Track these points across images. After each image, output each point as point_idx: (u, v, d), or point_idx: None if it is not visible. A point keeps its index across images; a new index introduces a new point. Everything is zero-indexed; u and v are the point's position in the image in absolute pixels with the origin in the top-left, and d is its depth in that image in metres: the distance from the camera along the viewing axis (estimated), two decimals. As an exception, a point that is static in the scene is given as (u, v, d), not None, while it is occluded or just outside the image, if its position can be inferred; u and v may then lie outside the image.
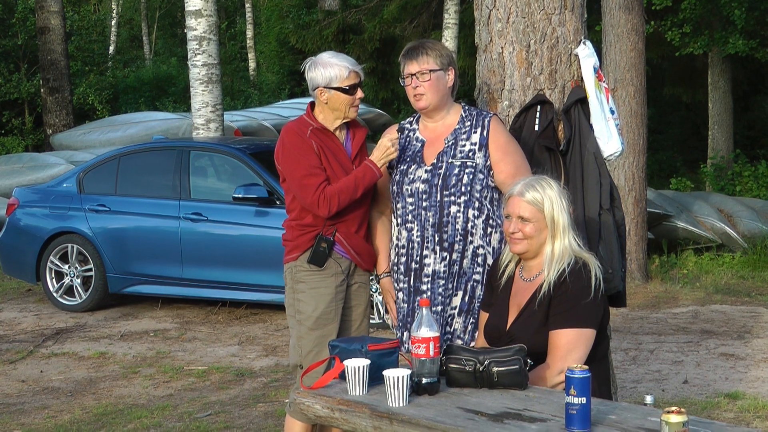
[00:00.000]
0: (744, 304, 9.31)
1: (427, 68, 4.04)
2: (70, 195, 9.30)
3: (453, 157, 4.04)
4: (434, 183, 4.02)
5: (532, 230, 3.67)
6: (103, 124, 15.79)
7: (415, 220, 4.04)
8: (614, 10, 10.31)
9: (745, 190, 15.64)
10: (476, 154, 4.04)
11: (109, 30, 29.43)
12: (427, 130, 4.17)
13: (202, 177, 9.15)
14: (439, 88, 4.06)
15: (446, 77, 4.09)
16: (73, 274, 9.23)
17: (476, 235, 4.03)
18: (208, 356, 7.56)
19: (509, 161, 4.06)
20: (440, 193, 4.01)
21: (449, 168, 4.02)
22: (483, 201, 4.04)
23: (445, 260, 4.01)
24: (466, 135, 4.08)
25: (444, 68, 4.07)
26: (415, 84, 4.06)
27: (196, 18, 10.55)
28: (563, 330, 3.58)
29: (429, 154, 4.10)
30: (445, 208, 4.00)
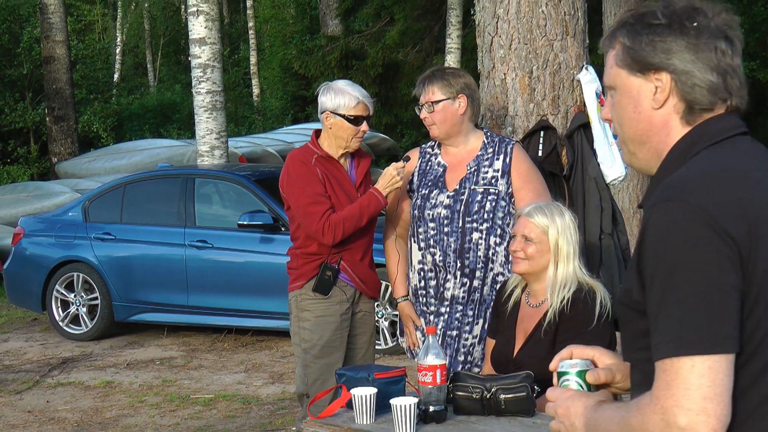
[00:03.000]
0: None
1: (431, 99, 4.05)
2: (76, 223, 9.33)
3: (475, 183, 4.04)
4: (456, 209, 4.02)
5: (534, 252, 3.67)
6: (107, 151, 15.82)
7: (437, 245, 4.04)
8: (616, 34, 10.35)
9: (749, 211, 15.64)
10: (499, 181, 4.04)
11: (113, 58, 29.59)
12: (449, 155, 4.16)
13: (207, 204, 9.17)
14: (447, 118, 4.06)
15: (455, 105, 4.06)
16: (79, 302, 9.24)
17: (497, 262, 4.03)
18: (215, 384, 7.55)
19: (530, 189, 4.06)
20: (462, 220, 4.00)
21: (472, 194, 4.02)
22: (504, 228, 4.03)
23: (465, 286, 4.00)
24: (488, 162, 4.08)
25: (452, 97, 4.05)
26: (423, 115, 4.08)
27: (200, 46, 10.61)
28: (569, 357, 3.57)
29: (451, 180, 4.09)
30: (467, 235, 3.99)
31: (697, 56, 1.72)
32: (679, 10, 1.75)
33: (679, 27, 1.73)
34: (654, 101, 1.76)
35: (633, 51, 1.77)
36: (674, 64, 1.73)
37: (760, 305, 1.60)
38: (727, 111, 1.76)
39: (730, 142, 1.73)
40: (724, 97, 1.74)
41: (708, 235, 1.58)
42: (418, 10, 15.79)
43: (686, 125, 1.75)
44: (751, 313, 1.60)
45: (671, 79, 1.73)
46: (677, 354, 1.56)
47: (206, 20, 10.55)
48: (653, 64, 1.74)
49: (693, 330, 1.55)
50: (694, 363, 1.54)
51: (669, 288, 1.59)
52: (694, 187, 1.63)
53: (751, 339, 1.59)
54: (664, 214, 1.62)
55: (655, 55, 1.73)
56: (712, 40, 1.72)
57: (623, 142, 1.85)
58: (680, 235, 1.59)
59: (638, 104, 1.78)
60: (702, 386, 1.53)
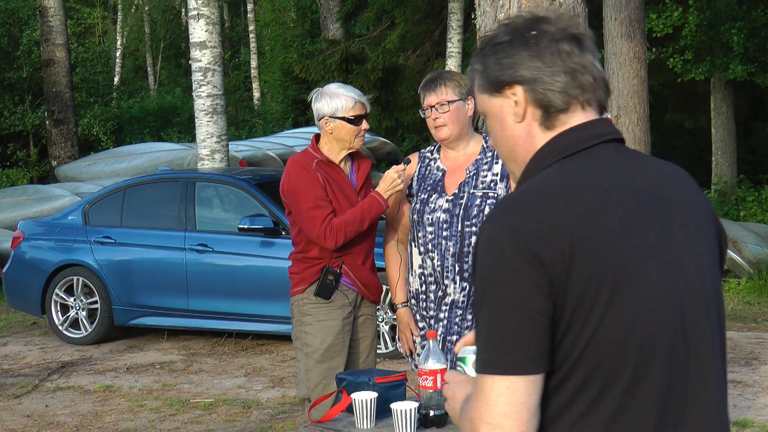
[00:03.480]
0: (751, 330, 9.28)
1: (446, 99, 4.03)
2: (76, 227, 9.33)
3: (474, 187, 4.03)
4: (455, 213, 4.01)
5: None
6: (108, 155, 15.82)
7: (435, 249, 4.03)
8: (616, 39, 10.36)
9: (749, 215, 15.65)
10: (498, 185, 4.03)
11: (113, 61, 29.61)
12: (448, 159, 4.15)
13: (207, 208, 9.17)
14: (459, 118, 4.05)
15: (466, 107, 4.06)
16: (79, 306, 9.24)
17: None
18: (215, 388, 7.55)
19: None
20: (461, 223, 4.00)
21: (471, 198, 4.01)
22: None
23: (464, 290, 4.00)
24: (487, 165, 4.07)
25: (463, 98, 4.05)
26: (435, 116, 4.05)
27: (200, 49, 10.62)
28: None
29: (450, 184, 4.09)
30: (467, 239, 3.98)
31: (542, 62, 1.76)
32: (520, 25, 1.80)
33: (520, 40, 1.78)
34: (515, 116, 1.80)
35: (486, 74, 1.82)
36: (523, 75, 1.77)
37: (575, 327, 1.64)
38: (589, 111, 1.79)
39: (586, 154, 1.75)
40: (576, 95, 1.77)
41: (517, 259, 1.62)
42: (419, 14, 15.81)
43: (547, 131, 1.79)
44: (566, 335, 1.64)
45: (524, 90, 1.78)
46: (482, 371, 1.65)
47: (207, 24, 10.57)
48: (505, 81, 1.79)
49: (495, 351, 1.63)
50: (494, 381, 1.63)
51: (480, 307, 1.67)
52: (514, 208, 1.68)
53: (567, 359, 1.65)
54: (485, 233, 1.68)
55: (504, 71, 1.79)
56: (553, 43, 1.76)
57: (505, 163, 1.90)
58: (492, 256, 1.65)
59: (503, 122, 1.83)
60: (499, 404, 1.62)
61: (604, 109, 1.83)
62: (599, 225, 1.67)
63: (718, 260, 1.85)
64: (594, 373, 1.65)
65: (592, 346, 1.64)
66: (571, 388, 1.66)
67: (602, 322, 1.64)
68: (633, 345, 1.66)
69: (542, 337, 1.63)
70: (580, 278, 1.63)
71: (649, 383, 1.67)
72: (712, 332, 1.76)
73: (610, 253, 1.65)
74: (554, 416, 1.67)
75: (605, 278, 1.64)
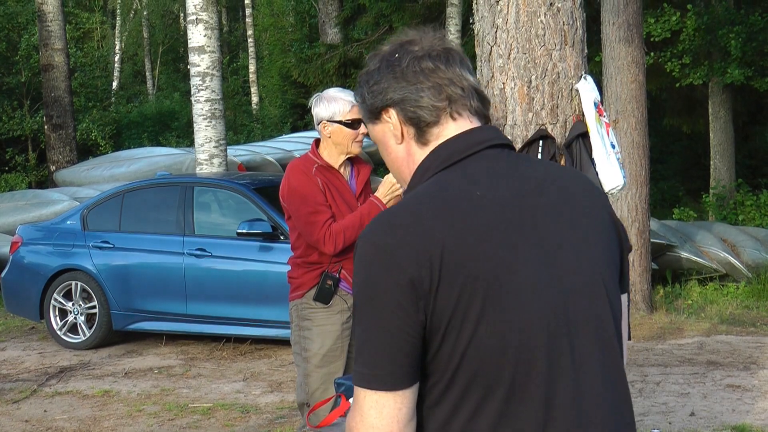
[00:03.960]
0: (749, 335, 9.29)
1: None
2: (74, 232, 9.32)
3: None
4: None
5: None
6: (106, 159, 15.81)
7: None
8: (614, 43, 10.38)
9: (747, 220, 15.67)
10: None
11: (112, 66, 29.62)
12: None
13: (206, 213, 9.17)
14: None
15: None
16: (77, 311, 9.23)
17: None
18: (213, 393, 7.54)
19: None
20: None
21: None
22: None
23: None
24: None
25: None
26: None
27: (199, 54, 10.62)
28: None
29: None
30: None
31: (407, 82, 1.83)
32: (386, 52, 1.89)
33: (386, 65, 1.86)
34: (395, 138, 1.87)
35: (364, 104, 1.91)
36: (392, 98, 1.85)
37: (450, 338, 1.68)
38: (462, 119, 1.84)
39: (464, 164, 1.80)
40: (444, 107, 1.83)
41: (385, 278, 1.68)
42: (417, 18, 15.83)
43: (423, 146, 1.85)
44: (442, 346, 1.69)
45: (395, 111, 1.85)
46: (356, 384, 1.73)
47: (205, 28, 10.57)
48: (379, 107, 1.87)
49: (365, 366, 1.71)
50: (366, 395, 1.71)
51: (356, 323, 1.74)
52: (385, 225, 1.73)
53: (447, 369, 1.70)
54: (359, 249, 1.74)
55: (376, 98, 1.87)
56: (416, 62, 1.83)
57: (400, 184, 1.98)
58: (364, 273, 1.71)
59: (387, 146, 1.90)
60: (370, 416, 1.70)
61: (485, 117, 1.89)
62: (473, 235, 1.70)
63: (616, 263, 1.87)
64: (474, 382, 1.70)
65: (469, 356, 1.69)
66: (453, 397, 1.71)
67: (477, 331, 1.68)
68: (509, 353, 1.69)
69: (411, 354, 1.69)
70: (452, 291, 1.67)
71: (531, 389, 1.70)
72: (601, 337, 1.78)
73: (481, 265, 1.69)
74: (441, 425, 1.73)
75: (477, 289, 1.68)
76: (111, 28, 33.41)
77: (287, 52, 23.60)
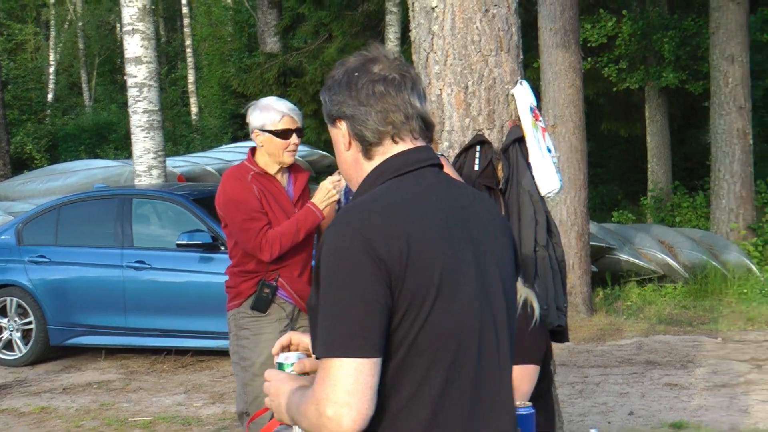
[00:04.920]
0: (686, 334, 9.43)
1: None
2: (9, 247, 9.15)
3: None
4: None
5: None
6: (42, 173, 15.59)
7: None
8: (551, 49, 10.49)
9: (684, 221, 15.92)
10: None
11: (46, 77, 29.18)
12: None
13: (144, 224, 9.06)
14: None
15: None
16: (12, 327, 9.05)
17: None
18: (154, 406, 7.45)
19: None
20: None
21: None
22: None
23: None
24: None
25: None
26: None
27: (136, 65, 10.50)
28: (509, 367, 3.58)
29: None
30: None
31: (358, 101, 2.03)
32: (351, 66, 2.07)
33: (346, 81, 2.05)
34: (344, 144, 2.08)
35: (324, 108, 2.11)
36: (345, 112, 2.05)
37: (408, 320, 1.88)
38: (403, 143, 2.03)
39: (413, 175, 2.01)
40: (387, 131, 2.03)
41: (362, 256, 1.86)
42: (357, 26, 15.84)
43: (368, 160, 2.06)
44: (399, 326, 1.88)
45: (347, 124, 2.05)
46: (329, 355, 1.84)
47: (142, 39, 10.46)
48: (334, 115, 2.08)
49: (342, 336, 1.84)
50: (342, 364, 1.82)
51: (327, 298, 1.87)
52: (357, 214, 1.93)
53: (400, 347, 1.89)
54: (331, 235, 1.91)
55: (334, 107, 2.07)
56: (370, 85, 2.02)
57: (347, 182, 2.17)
58: (339, 255, 1.88)
59: (338, 149, 2.11)
60: (347, 383, 1.82)
61: (428, 139, 2.09)
62: (428, 232, 1.93)
63: (514, 271, 2.17)
64: (422, 359, 1.90)
65: (421, 336, 1.89)
66: (404, 371, 1.90)
67: (430, 315, 1.90)
68: (454, 335, 1.93)
69: (383, 325, 1.86)
70: (415, 277, 1.88)
71: (467, 366, 1.96)
72: (510, 327, 2.08)
73: (437, 257, 1.92)
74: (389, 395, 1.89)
75: (433, 277, 1.90)
76: (45, 40, 32.91)
77: (226, 62, 23.46)
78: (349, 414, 1.81)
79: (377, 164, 2.04)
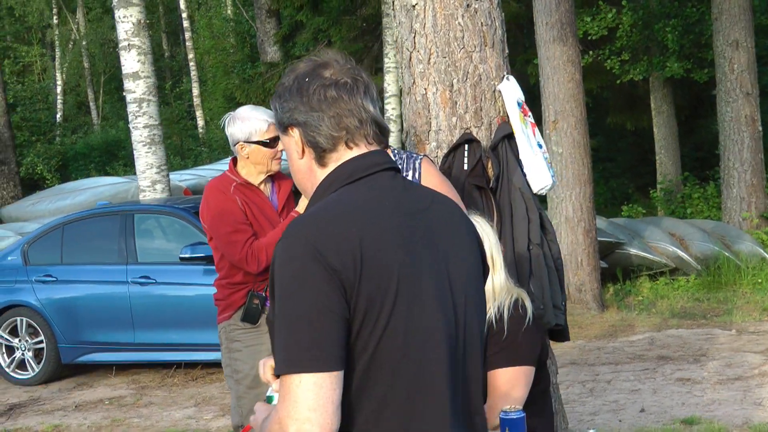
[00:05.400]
0: (699, 327, 9.34)
1: None
2: (16, 267, 9.16)
3: None
4: None
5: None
6: (52, 192, 15.62)
7: None
8: (549, 43, 10.42)
9: (696, 212, 15.79)
10: None
11: (54, 98, 29.28)
12: None
13: (148, 239, 9.05)
14: None
15: None
16: (24, 347, 9.06)
17: None
18: (165, 420, 7.43)
19: None
20: None
21: None
22: None
23: None
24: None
25: None
26: None
27: (134, 80, 10.49)
28: (501, 369, 3.53)
29: None
30: None
31: (310, 107, 1.98)
32: (301, 72, 2.02)
33: (297, 87, 2.00)
34: (297, 153, 2.04)
35: (276, 116, 2.07)
36: (297, 119, 2.00)
37: (366, 329, 1.83)
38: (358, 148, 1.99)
39: (366, 180, 1.97)
40: (341, 137, 1.99)
41: (314, 267, 1.80)
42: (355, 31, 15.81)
43: (322, 167, 2.02)
44: (358, 336, 1.83)
45: (299, 131, 2.01)
46: (287, 371, 1.79)
47: (138, 54, 10.45)
48: (285, 123, 2.03)
49: (300, 350, 1.79)
50: (301, 379, 1.77)
51: (281, 312, 1.82)
52: (307, 224, 1.88)
53: (362, 358, 1.84)
54: (283, 246, 1.86)
55: (285, 114, 2.03)
56: (322, 90, 1.97)
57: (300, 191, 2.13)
58: (292, 265, 1.83)
59: (291, 158, 2.07)
60: (308, 399, 1.77)
61: (382, 144, 2.05)
62: (383, 239, 1.88)
63: (481, 272, 2.11)
64: (385, 368, 1.85)
65: (382, 345, 1.84)
66: (367, 383, 1.85)
67: (389, 323, 1.84)
68: (416, 342, 1.87)
69: (341, 337, 1.81)
70: (370, 285, 1.83)
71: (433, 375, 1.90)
72: (479, 331, 2.04)
73: (393, 264, 1.86)
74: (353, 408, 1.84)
75: (390, 285, 1.85)
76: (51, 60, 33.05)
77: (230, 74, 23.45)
78: (312, 430, 1.76)
79: (328, 173, 2.00)
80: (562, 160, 10.33)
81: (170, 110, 27.33)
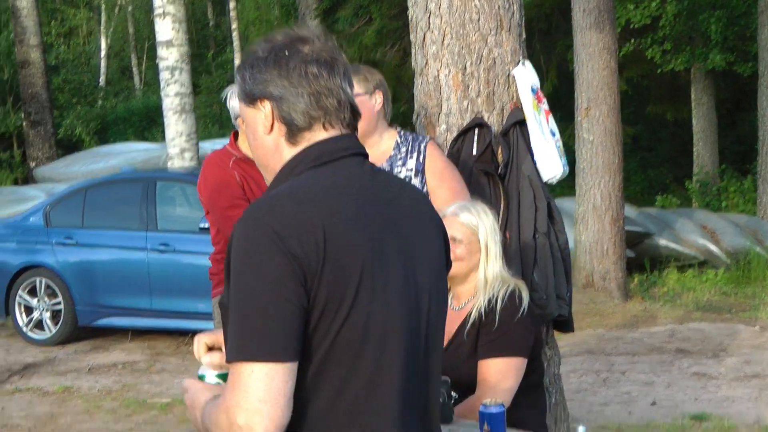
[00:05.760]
0: (723, 322, 9.20)
1: None
2: (37, 228, 9.23)
3: None
4: None
5: (464, 252, 3.54)
6: (85, 155, 15.75)
7: None
8: (585, 30, 10.27)
9: (731, 206, 15.57)
10: (413, 180, 3.92)
11: (98, 61, 29.45)
12: None
13: (169, 207, 9.08)
14: (364, 114, 3.94)
15: (372, 101, 3.94)
16: (42, 308, 9.13)
17: None
18: (175, 388, 7.45)
19: (446, 187, 3.92)
20: None
21: None
22: None
23: None
24: (401, 161, 3.96)
25: (369, 92, 3.92)
26: None
27: (167, 48, 10.51)
28: (492, 359, 3.46)
29: None
30: None
31: (289, 82, 1.88)
32: (278, 43, 1.92)
33: (274, 59, 1.89)
34: (264, 128, 1.92)
35: (243, 85, 1.94)
36: (271, 92, 1.89)
37: (326, 320, 1.75)
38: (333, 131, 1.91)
39: (334, 165, 1.89)
40: (318, 116, 1.89)
41: (272, 252, 1.72)
42: (395, 8, 15.65)
43: (292, 146, 1.91)
44: (317, 327, 1.75)
45: (271, 105, 1.90)
46: (238, 359, 1.71)
47: (173, 22, 10.47)
48: (256, 95, 1.91)
49: (253, 338, 1.71)
50: (253, 369, 1.70)
51: (236, 298, 1.74)
52: (269, 207, 1.79)
53: (320, 348, 1.76)
54: (241, 229, 1.78)
55: (257, 86, 1.91)
56: (302, 65, 1.88)
57: (259, 169, 2.01)
58: (248, 250, 1.74)
59: (255, 132, 1.95)
60: (258, 390, 1.69)
61: (353, 128, 1.97)
62: (348, 225, 1.80)
63: (444, 264, 2.05)
64: (342, 361, 1.78)
65: (341, 337, 1.77)
66: (323, 375, 1.78)
67: (350, 314, 1.77)
68: (376, 335, 1.80)
69: (298, 327, 1.73)
70: (332, 273, 1.75)
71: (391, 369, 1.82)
72: (441, 321, 1.98)
73: (356, 252, 1.79)
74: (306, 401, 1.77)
75: (353, 274, 1.77)
76: (97, 24, 33.22)
77: (273, 45, 23.39)
78: (261, 422, 1.69)
79: (295, 154, 1.90)
80: (592, 147, 10.20)
81: (211, 79, 27.38)
